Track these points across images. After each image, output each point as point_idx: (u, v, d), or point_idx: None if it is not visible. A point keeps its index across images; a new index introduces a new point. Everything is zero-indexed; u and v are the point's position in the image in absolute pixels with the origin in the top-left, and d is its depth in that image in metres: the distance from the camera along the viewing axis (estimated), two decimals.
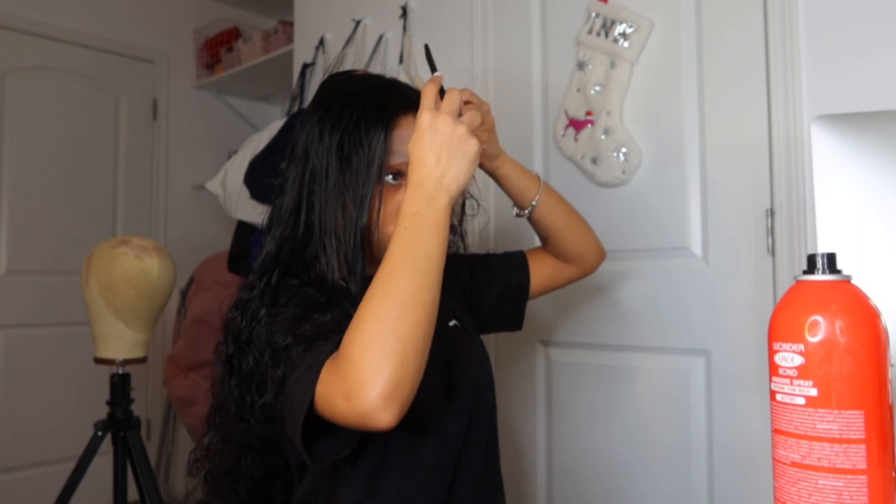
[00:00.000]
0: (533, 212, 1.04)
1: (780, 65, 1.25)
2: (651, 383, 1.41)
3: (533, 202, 1.03)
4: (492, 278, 1.09)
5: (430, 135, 0.74)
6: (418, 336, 0.67)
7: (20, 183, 2.66)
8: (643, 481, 1.42)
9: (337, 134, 0.84)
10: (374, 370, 0.64)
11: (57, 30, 2.77)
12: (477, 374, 0.95)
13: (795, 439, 0.55)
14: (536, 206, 1.04)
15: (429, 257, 0.71)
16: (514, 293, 1.10)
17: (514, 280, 1.10)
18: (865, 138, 0.71)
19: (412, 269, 0.69)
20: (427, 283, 0.70)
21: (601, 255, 1.14)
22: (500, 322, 1.13)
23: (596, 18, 1.46)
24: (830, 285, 0.56)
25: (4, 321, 2.61)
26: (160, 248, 1.64)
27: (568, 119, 1.51)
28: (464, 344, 0.96)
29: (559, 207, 1.07)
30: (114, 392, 1.63)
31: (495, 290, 1.09)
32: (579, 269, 1.13)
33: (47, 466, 2.58)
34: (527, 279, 1.10)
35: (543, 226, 1.07)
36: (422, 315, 0.68)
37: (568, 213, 1.09)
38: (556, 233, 1.08)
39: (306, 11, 2.27)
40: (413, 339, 0.66)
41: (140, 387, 2.30)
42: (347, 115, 0.84)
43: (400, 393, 0.64)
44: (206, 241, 3.01)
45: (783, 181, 1.24)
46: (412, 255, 0.70)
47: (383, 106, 0.85)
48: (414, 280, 0.69)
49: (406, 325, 0.66)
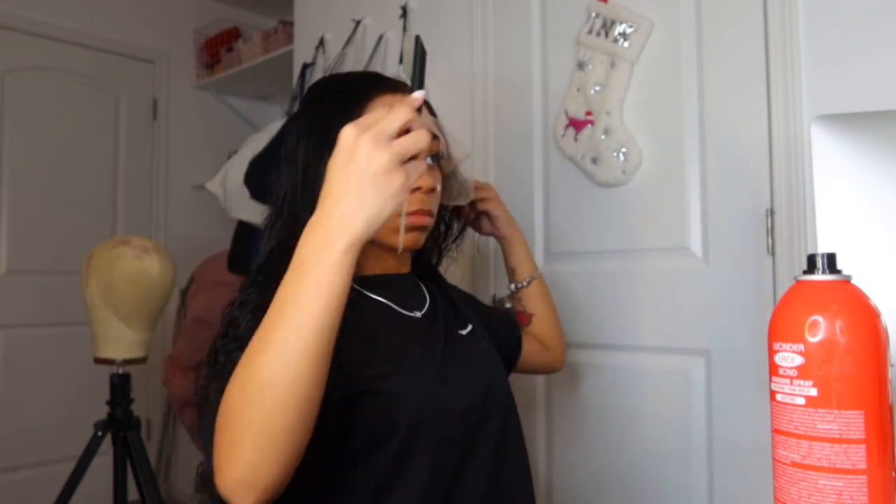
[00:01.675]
0: (527, 286, 1.15)
1: (780, 65, 1.25)
2: (651, 383, 1.41)
3: (532, 276, 1.15)
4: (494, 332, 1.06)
5: (344, 159, 0.58)
6: (275, 423, 0.57)
7: (20, 183, 2.66)
8: (643, 481, 1.42)
9: (311, 127, 0.84)
10: (226, 454, 0.58)
11: (57, 30, 2.77)
12: (488, 379, 0.91)
13: (795, 439, 0.55)
14: (534, 280, 1.15)
15: (303, 326, 0.57)
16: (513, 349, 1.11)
17: (510, 339, 1.11)
18: (865, 138, 0.71)
19: (280, 340, 0.58)
20: (294, 360, 0.57)
21: (564, 360, 1.23)
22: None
23: (596, 18, 1.46)
24: (830, 285, 0.56)
25: (4, 321, 2.61)
26: (160, 248, 1.64)
27: (568, 119, 1.51)
28: (475, 348, 0.93)
29: (547, 294, 1.18)
30: (114, 392, 1.63)
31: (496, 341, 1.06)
32: (548, 359, 1.19)
33: (47, 466, 2.57)
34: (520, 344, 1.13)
35: (532, 304, 1.16)
36: (281, 399, 0.57)
37: (551, 303, 1.20)
38: (540, 314, 1.17)
39: (306, 11, 2.27)
40: (268, 425, 0.57)
41: (140, 387, 2.29)
42: (322, 108, 0.84)
43: (254, 480, 0.58)
44: (206, 241, 3.01)
45: (783, 181, 1.24)
46: (285, 321, 0.58)
47: (354, 92, 0.83)
48: (279, 354, 0.57)
49: (260, 410, 0.57)
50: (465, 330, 0.94)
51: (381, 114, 0.60)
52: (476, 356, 0.93)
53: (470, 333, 0.94)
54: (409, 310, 0.89)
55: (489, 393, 0.89)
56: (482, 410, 0.86)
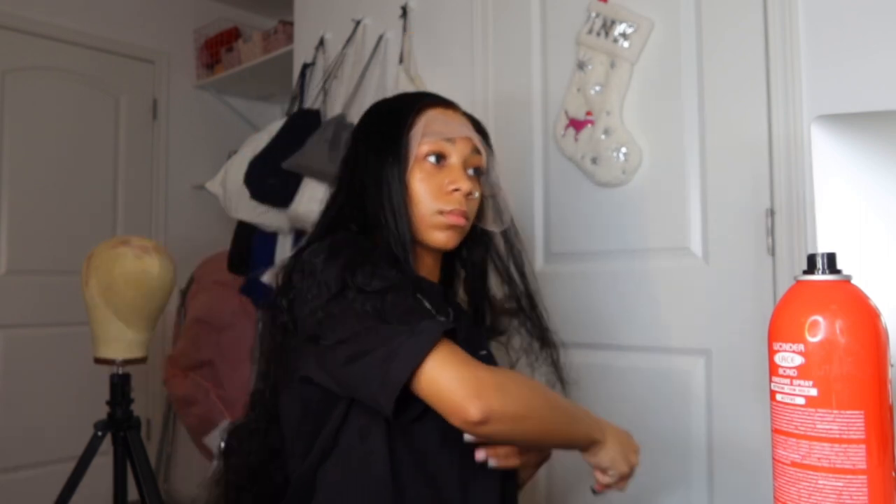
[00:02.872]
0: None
1: (780, 65, 1.25)
2: (651, 383, 1.41)
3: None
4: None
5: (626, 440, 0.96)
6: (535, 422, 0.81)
7: (20, 183, 2.66)
8: (643, 481, 1.41)
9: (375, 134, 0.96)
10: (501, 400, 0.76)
11: (57, 30, 2.77)
12: None
13: (795, 439, 0.55)
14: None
15: (560, 430, 0.86)
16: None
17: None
18: (865, 138, 0.71)
19: (557, 419, 0.85)
20: (555, 427, 0.85)
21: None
22: None
23: (596, 18, 1.46)
24: (830, 285, 0.56)
25: (4, 321, 2.61)
26: (160, 248, 1.64)
27: (568, 119, 1.51)
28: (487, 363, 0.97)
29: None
30: (114, 392, 1.62)
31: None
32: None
33: (47, 466, 2.57)
34: None
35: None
36: (545, 421, 0.83)
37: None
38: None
39: (306, 11, 2.27)
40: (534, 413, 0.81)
41: (140, 387, 2.29)
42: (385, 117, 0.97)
43: (501, 416, 0.76)
44: (206, 241, 3.01)
45: (783, 181, 1.24)
46: (564, 418, 0.86)
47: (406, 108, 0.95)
48: (554, 419, 0.85)
49: (537, 410, 0.81)
50: (483, 352, 1.00)
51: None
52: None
53: (487, 356, 1.00)
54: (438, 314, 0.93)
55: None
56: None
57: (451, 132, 0.94)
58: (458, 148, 0.94)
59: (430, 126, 0.93)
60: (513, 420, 0.78)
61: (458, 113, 1.00)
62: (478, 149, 0.96)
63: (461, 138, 0.95)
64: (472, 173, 0.97)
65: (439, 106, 0.98)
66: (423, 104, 0.96)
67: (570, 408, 0.88)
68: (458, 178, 0.92)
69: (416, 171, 0.92)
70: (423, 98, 0.98)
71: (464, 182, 0.92)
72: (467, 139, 0.95)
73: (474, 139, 0.96)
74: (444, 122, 0.95)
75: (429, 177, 0.92)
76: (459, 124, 0.96)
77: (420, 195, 0.92)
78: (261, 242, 2.13)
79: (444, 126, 0.94)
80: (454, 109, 1.00)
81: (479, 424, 0.75)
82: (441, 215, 0.92)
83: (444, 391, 0.75)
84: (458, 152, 0.94)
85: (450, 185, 0.92)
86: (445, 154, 0.94)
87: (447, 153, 0.94)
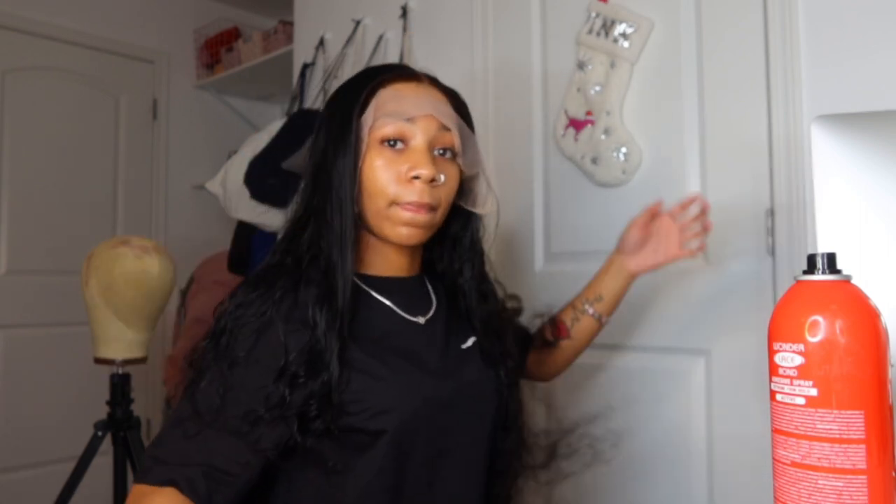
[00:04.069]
0: (598, 321, 1.10)
1: (780, 65, 1.25)
2: (651, 383, 1.41)
3: (598, 315, 1.09)
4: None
5: None
6: None
7: (20, 183, 2.66)
8: (643, 481, 1.42)
9: (328, 118, 0.86)
10: None
11: (57, 30, 2.77)
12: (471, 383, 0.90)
13: (795, 439, 0.55)
14: (594, 317, 1.09)
15: None
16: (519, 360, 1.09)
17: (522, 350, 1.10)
18: (865, 138, 0.70)
19: None
20: None
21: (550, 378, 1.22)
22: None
23: (596, 18, 1.46)
24: (830, 285, 0.56)
25: (4, 321, 2.61)
26: (160, 248, 1.64)
27: (568, 119, 1.51)
28: (469, 357, 0.91)
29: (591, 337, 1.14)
30: (114, 392, 1.62)
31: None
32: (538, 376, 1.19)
33: (47, 466, 2.57)
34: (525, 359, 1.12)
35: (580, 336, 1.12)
36: None
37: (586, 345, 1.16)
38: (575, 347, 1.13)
39: (306, 11, 2.27)
40: None
41: (140, 387, 2.29)
42: (338, 102, 0.86)
43: None
44: (206, 241, 3.01)
45: (783, 181, 1.24)
46: None
47: (365, 82, 0.85)
48: None
49: None
50: (466, 344, 0.92)
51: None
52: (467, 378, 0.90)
53: (470, 349, 0.92)
54: (413, 314, 0.89)
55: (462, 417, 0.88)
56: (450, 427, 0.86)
57: (407, 110, 0.81)
58: (421, 127, 0.82)
59: (385, 107, 0.81)
60: None
61: (422, 85, 0.86)
62: (446, 126, 0.83)
63: (423, 116, 0.82)
64: (442, 154, 0.85)
65: (399, 80, 0.84)
66: (379, 81, 0.83)
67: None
68: (419, 162, 0.80)
69: (374, 158, 0.81)
70: (380, 73, 0.85)
71: (426, 167, 0.80)
72: (430, 116, 0.82)
73: (439, 116, 0.83)
74: (401, 99, 0.82)
75: (388, 164, 0.81)
76: (421, 100, 0.83)
77: (374, 186, 0.81)
78: (261, 242, 2.13)
79: (399, 104, 0.81)
80: (418, 81, 0.85)
81: None
82: (398, 207, 0.81)
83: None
84: (423, 132, 0.82)
85: (409, 172, 0.81)
86: (405, 137, 0.82)
87: (408, 135, 0.81)
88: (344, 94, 0.86)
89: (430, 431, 0.83)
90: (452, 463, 0.85)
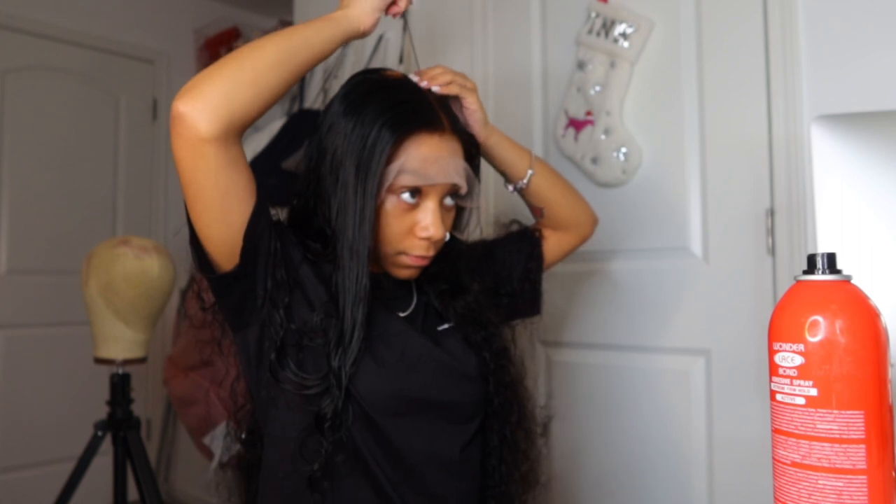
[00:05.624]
0: (528, 184, 1.03)
1: (780, 65, 1.25)
2: (651, 383, 1.41)
3: (530, 171, 1.02)
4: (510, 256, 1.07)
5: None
6: (259, 65, 0.76)
7: (20, 183, 2.66)
8: (643, 481, 1.42)
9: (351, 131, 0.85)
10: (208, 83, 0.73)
11: (57, 30, 2.77)
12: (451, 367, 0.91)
13: (795, 439, 0.55)
14: (533, 175, 1.02)
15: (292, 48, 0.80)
16: (534, 269, 1.08)
17: (533, 255, 1.08)
18: (865, 138, 0.71)
19: (277, 46, 0.79)
20: (281, 54, 0.78)
21: (595, 220, 1.15)
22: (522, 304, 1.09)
23: (596, 18, 1.46)
24: (830, 285, 0.56)
25: (4, 321, 2.61)
26: (160, 248, 1.64)
27: (568, 119, 1.51)
28: (446, 339, 0.93)
29: (552, 177, 1.07)
30: (114, 392, 1.62)
31: (517, 269, 1.07)
32: (577, 236, 1.13)
33: (47, 466, 2.57)
34: (541, 253, 1.09)
35: (540, 196, 1.05)
36: (270, 54, 0.77)
37: (561, 183, 1.08)
38: (552, 202, 1.06)
39: (306, 11, 2.27)
40: (252, 65, 0.76)
41: (140, 387, 2.29)
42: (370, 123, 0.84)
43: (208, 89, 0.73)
44: None
45: (783, 181, 1.24)
46: (283, 40, 0.79)
47: (397, 123, 0.83)
48: (273, 50, 0.78)
49: (250, 59, 0.76)
50: (444, 326, 0.95)
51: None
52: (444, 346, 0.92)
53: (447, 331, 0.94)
54: (394, 310, 0.91)
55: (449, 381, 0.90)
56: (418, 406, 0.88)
57: (432, 176, 0.84)
58: (437, 189, 0.85)
59: (411, 163, 0.83)
60: (228, 86, 0.74)
61: (444, 138, 0.86)
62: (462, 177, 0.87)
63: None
64: (450, 201, 0.88)
65: (425, 131, 0.85)
66: (407, 130, 0.83)
67: (286, 35, 0.80)
68: (431, 224, 0.85)
69: (389, 205, 0.85)
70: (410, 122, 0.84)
71: (437, 228, 0.84)
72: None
73: (458, 181, 0.86)
74: (425, 161, 0.83)
75: (401, 214, 0.85)
76: (444, 164, 0.85)
77: (385, 235, 0.85)
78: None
79: (424, 166, 0.83)
80: (441, 134, 0.86)
81: (197, 118, 0.72)
82: (404, 256, 0.87)
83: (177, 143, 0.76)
84: (438, 193, 0.86)
85: (422, 232, 0.85)
86: (423, 192, 0.85)
87: (424, 192, 0.85)
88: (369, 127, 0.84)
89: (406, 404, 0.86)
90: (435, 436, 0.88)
